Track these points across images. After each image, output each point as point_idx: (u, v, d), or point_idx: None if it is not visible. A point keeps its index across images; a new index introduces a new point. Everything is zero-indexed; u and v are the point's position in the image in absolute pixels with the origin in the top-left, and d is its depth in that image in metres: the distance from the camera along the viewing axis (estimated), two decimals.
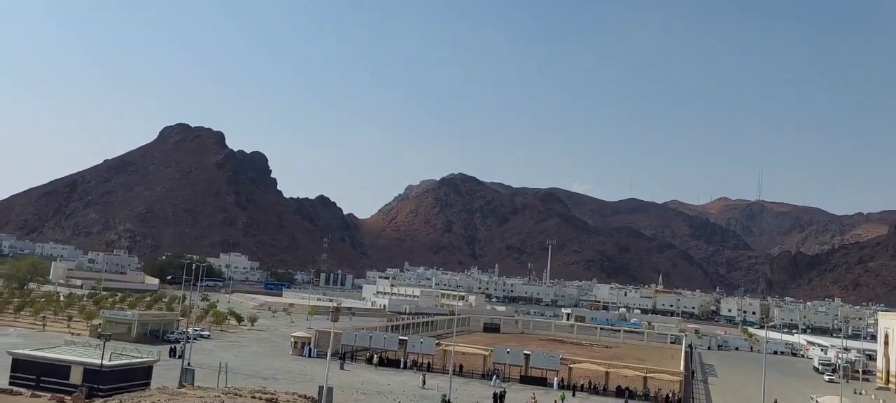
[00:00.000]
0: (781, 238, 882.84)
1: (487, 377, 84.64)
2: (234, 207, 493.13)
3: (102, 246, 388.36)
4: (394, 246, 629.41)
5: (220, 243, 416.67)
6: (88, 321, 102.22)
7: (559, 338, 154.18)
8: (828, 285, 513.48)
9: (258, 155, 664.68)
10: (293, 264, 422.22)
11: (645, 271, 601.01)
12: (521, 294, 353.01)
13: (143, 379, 55.74)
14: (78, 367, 53.48)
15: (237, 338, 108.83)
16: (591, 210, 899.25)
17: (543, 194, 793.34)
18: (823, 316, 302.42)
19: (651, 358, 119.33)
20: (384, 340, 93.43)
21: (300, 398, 38.36)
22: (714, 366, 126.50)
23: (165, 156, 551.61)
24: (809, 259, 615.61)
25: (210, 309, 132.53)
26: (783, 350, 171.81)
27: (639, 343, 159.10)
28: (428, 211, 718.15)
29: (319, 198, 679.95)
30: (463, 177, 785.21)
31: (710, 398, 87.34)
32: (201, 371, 64.45)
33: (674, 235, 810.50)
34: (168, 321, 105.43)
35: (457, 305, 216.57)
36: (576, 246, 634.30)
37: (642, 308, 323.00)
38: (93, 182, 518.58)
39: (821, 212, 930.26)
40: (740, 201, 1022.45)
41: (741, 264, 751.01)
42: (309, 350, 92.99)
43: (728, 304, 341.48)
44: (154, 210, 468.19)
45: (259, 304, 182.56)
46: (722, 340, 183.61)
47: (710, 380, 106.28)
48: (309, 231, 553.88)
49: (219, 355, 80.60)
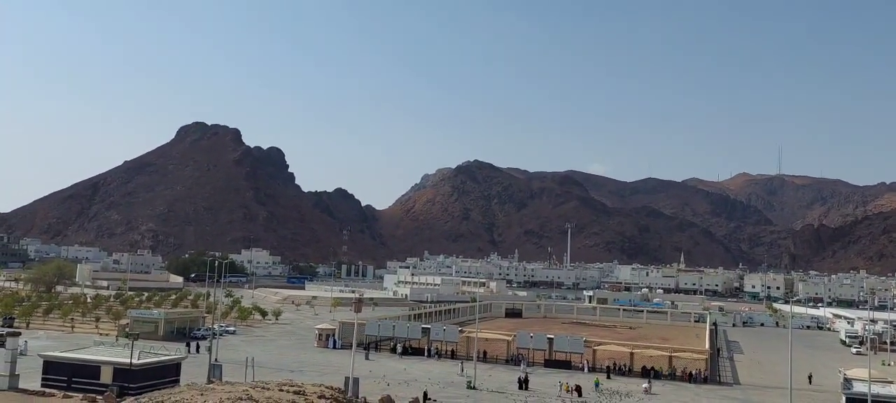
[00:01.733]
0: (803, 211, 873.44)
1: (511, 362, 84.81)
2: (254, 203, 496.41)
3: (126, 246, 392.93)
4: (412, 236, 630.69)
5: (242, 239, 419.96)
6: (116, 321, 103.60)
7: (582, 321, 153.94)
8: (852, 257, 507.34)
9: (275, 150, 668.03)
10: (314, 257, 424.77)
11: (666, 250, 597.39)
12: (541, 278, 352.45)
13: (173, 377, 56.48)
14: (108, 367, 54.25)
15: (262, 333, 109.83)
16: (609, 191, 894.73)
17: (561, 177, 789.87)
18: (849, 288, 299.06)
19: (676, 338, 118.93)
20: (407, 329, 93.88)
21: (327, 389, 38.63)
22: (739, 343, 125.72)
23: (184, 155, 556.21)
24: (832, 231, 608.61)
25: (234, 304, 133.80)
26: (809, 324, 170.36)
27: (663, 323, 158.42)
28: (445, 199, 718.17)
29: (337, 191, 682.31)
30: (479, 163, 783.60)
31: (736, 375, 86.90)
32: (229, 366, 65.18)
33: (694, 213, 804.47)
34: (194, 318, 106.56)
35: (478, 292, 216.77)
36: (595, 228, 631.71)
37: (665, 287, 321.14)
38: (114, 184, 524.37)
39: (843, 184, 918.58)
40: (761, 176, 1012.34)
41: (763, 239, 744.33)
42: (333, 342, 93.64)
43: (752, 280, 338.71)
44: (175, 209, 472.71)
45: (282, 298, 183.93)
46: (747, 317, 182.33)
47: (736, 357, 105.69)
48: (328, 224, 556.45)
49: (245, 350, 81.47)
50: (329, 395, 36.77)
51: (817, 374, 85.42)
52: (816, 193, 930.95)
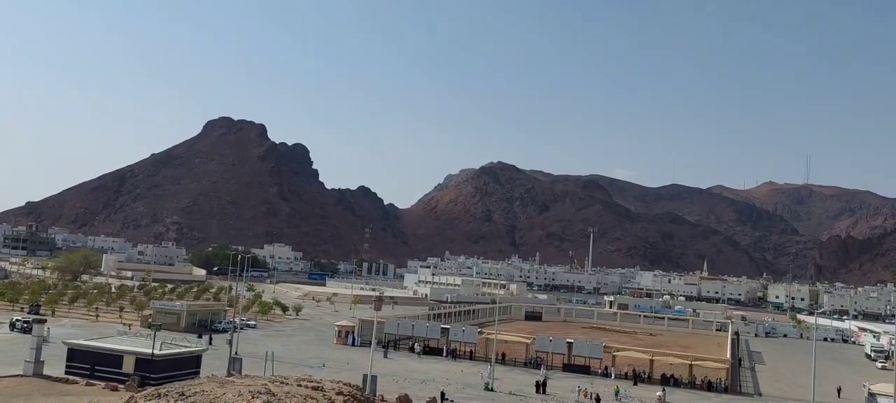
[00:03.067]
0: (831, 222, 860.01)
1: (530, 365, 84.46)
2: (277, 198, 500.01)
3: (151, 238, 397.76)
4: (434, 236, 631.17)
5: (264, 234, 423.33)
6: (139, 311, 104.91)
7: (602, 326, 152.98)
8: (879, 270, 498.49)
9: (300, 147, 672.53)
10: (335, 254, 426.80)
11: (689, 257, 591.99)
12: (562, 282, 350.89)
13: (193, 368, 56.98)
14: (130, 356, 54.88)
15: (282, 328, 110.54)
16: (633, 196, 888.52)
17: (584, 181, 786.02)
18: (875, 301, 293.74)
19: (696, 346, 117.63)
20: (426, 328, 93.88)
21: (345, 386, 38.75)
22: (762, 353, 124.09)
23: (210, 149, 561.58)
24: (860, 243, 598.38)
25: (256, 298, 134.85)
26: (834, 336, 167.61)
27: (684, 331, 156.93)
28: (468, 200, 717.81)
29: (360, 189, 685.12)
30: (502, 165, 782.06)
31: (758, 385, 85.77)
32: (249, 359, 65.68)
33: (718, 221, 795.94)
34: (215, 311, 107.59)
35: (498, 293, 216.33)
36: (618, 233, 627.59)
37: (687, 295, 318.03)
38: (140, 176, 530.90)
39: (871, 195, 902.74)
40: (787, 185, 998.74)
41: (789, 249, 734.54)
42: (353, 339, 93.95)
43: (775, 290, 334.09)
44: (199, 202, 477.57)
45: (303, 294, 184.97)
46: (770, 327, 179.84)
47: (758, 368, 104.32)
48: (350, 221, 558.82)
49: (265, 344, 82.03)
50: (347, 392, 36.85)
51: (842, 387, 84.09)
52: (844, 204, 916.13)
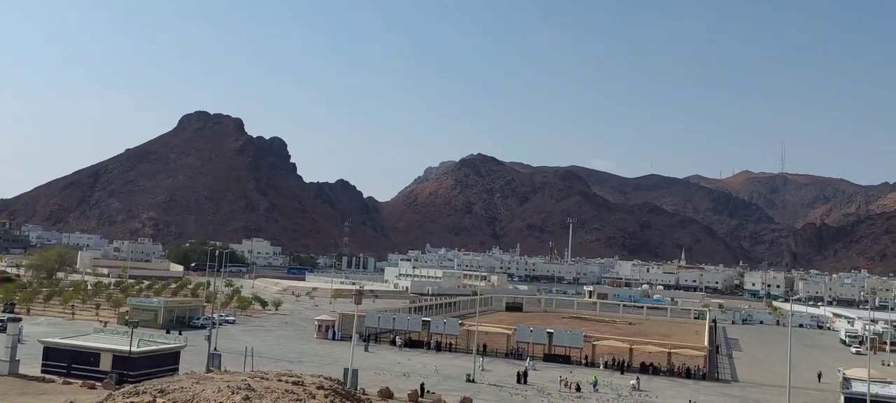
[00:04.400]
0: (805, 210, 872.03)
1: (511, 355, 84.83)
2: (255, 193, 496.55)
3: (127, 234, 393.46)
4: (415, 229, 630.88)
5: (243, 229, 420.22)
6: (116, 309, 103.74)
7: (582, 316, 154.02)
8: (853, 256, 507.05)
9: (277, 140, 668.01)
10: (315, 248, 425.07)
11: (667, 247, 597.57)
12: (542, 272, 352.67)
13: (172, 365, 56.54)
14: (107, 354, 54.36)
15: (262, 323, 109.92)
16: (611, 187, 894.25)
17: (563, 172, 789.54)
18: (849, 287, 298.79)
19: (675, 334, 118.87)
20: (408, 321, 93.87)
21: (326, 380, 38.60)
22: (739, 340, 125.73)
23: (186, 144, 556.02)
24: (834, 230, 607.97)
25: (234, 294, 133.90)
26: (809, 323, 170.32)
27: (662, 320, 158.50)
28: (448, 192, 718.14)
29: (339, 182, 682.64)
30: (482, 157, 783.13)
31: (735, 372, 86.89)
32: (228, 355, 65.22)
33: (696, 210, 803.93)
34: (193, 307, 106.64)
35: (479, 285, 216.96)
36: (597, 223, 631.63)
37: (665, 284, 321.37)
38: (115, 171, 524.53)
39: (845, 183, 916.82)
40: (763, 174, 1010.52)
41: (765, 237, 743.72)
42: (333, 333, 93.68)
43: (752, 278, 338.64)
44: (176, 198, 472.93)
45: (283, 289, 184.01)
46: (746, 314, 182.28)
47: (735, 355, 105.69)
48: (330, 215, 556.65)
49: (244, 340, 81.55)
50: (328, 386, 36.71)
51: (814, 372, 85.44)
52: (819, 192, 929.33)
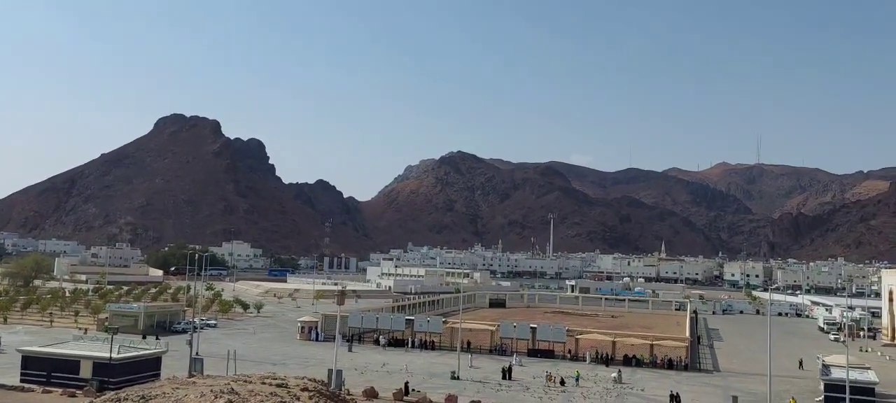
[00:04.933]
0: (782, 200, 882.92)
1: (495, 352, 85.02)
2: (234, 195, 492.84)
3: (104, 240, 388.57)
4: (396, 228, 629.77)
5: (222, 232, 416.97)
6: (95, 315, 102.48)
7: (565, 310, 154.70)
8: (830, 245, 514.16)
9: (255, 142, 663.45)
10: (296, 250, 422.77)
11: (647, 240, 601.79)
12: (525, 268, 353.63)
13: (153, 371, 55.97)
14: (87, 361, 53.69)
15: (244, 326, 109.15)
16: (591, 181, 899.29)
17: (543, 168, 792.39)
18: (827, 275, 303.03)
19: (657, 326, 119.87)
20: (391, 321, 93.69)
21: (310, 382, 38.42)
22: (719, 330, 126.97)
23: (162, 147, 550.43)
24: (811, 219, 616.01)
25: (215, 297, 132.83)
26: (788, 311, 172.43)
27: (644, 312, 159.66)
28: (429, 190, 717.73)
29: (319, 183, 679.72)
30: (462, 154, 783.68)
31: (716, 362, 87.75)
32: (210, 360, 64.72)
33: (674, 202, 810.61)
34: (174, 312, 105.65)
35: (462, 283, 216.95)
36: (577, 218, 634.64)
37: (646, 276, 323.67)
38: (91, 177, 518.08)
39: (821, 172, 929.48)
40: (740, 165, 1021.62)
41: (743, 228, 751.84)
42: (316, 335, 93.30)
43: (731, 269, 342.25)
44: (154, 202, 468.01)
45: (264, 291, 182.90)
46: (726, 304, 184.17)
47: (716, 345, 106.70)
48: (310, 216, 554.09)
49: (226, 343, 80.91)
50: (312, 388, 36.56)
51: (794, 360, 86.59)
52: (795, 182, 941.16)
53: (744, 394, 62.91)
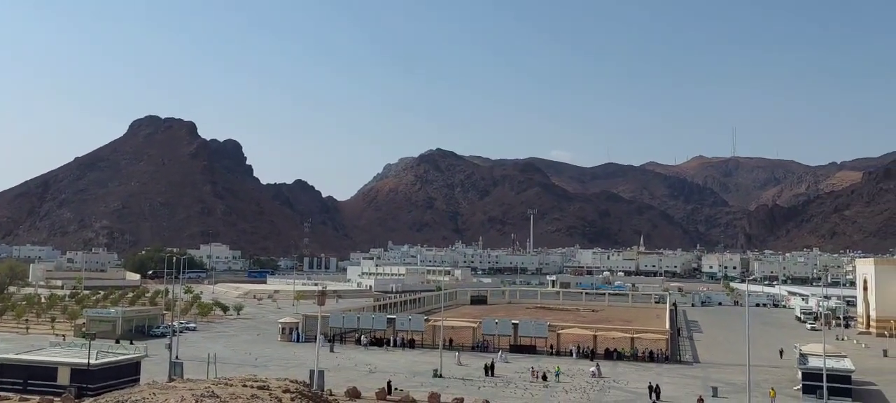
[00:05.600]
0: (758, 192, 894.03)
1: (477, 348, 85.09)
2: (212, 197, 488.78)
3: (80, 244, 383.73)
4: (376, 227, 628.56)
5: (200, 234, 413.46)
6: (72, 321, 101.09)
7: (546, 306, 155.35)
8: (805, 235, 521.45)
9: (232, 143, 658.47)
10: (275, 251, 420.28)
11: (626, 234, 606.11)
12: (506, 264, 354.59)
13: (132, 376, 55.30)
14: (65, 368, 52.91)
15: (224, 328, 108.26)
16: (570, 177, 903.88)
17: (523, 164, 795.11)
18: (802, 266, 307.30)
19: (637, 319, 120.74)
20: (372, 320, 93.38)
21: (292, 383, 38.18)
22: (698, 322, 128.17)
23: (137, 149, 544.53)
24: (786, 211, 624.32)
25: (194, 300, 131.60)
26: (765, 302, 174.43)
27: (624, 305, 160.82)
28: (408, 188, 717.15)
29: (297, 183, 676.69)
30: (441, 152, 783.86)
31: (696, 353, 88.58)
32: (190, 363, 64.05)
33: (652, 196, 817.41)
34: (152, 316, 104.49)
35: (443, 280, 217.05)
36: (557, 213, 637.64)
37: (625, 270, 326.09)
38: (65, 181, 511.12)
39: (795, 164, 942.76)
40: (716, 158, 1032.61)
41: (720, 220, 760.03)
42: (297, 336, 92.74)
43: (709, 261, 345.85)
44: (130, 205, 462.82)
45: (244, 293, 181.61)
46: (705, 296, 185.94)
47: (696, 336, 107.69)
48: (289, 216, 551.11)
49: (206, 346, 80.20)
50: (294, 389, 36.33)
51: (772, 349, 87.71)
52: (770, 174, 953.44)
53: (723, 385, 63.59)
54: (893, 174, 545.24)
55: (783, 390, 61.38)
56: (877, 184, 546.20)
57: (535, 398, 56.86)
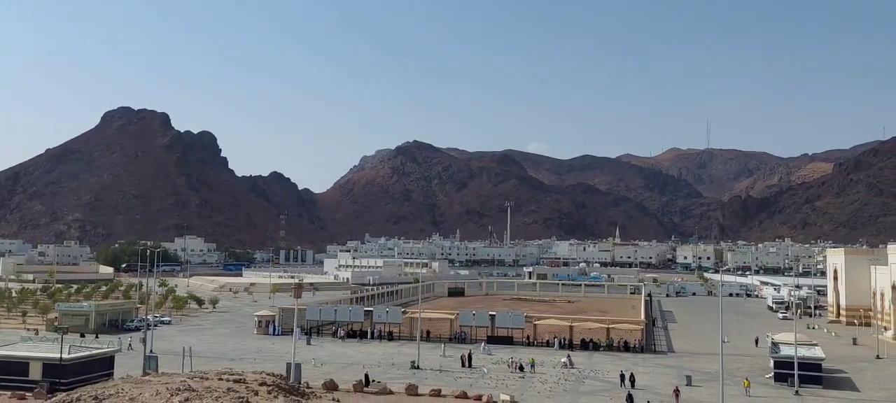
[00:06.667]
0: (731, 183, 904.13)
1: (456, 340, 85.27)
2: (186, 189, 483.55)
3: (52, 237, 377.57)
4: (353, 219, 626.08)
5: (174, 227, 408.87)
6: (44, 315, 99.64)
7: (523, 297, 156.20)
8: (777, 226, 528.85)
9: (206, 134, 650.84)
10: (251, 244, 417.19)
11: (602, 225, 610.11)
12: (483, 256, 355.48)
13: (106, 370, 54.64)
14: (36, 363, 52.17)
15: (200, 322, 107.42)
16: (546, 169, 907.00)
17: (499, 157, 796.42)
18: (774, 256, 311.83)
19: (613, 310, 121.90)
20: (350, 312, 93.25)
21: (268, 376, 38.04)
22: (673, 312, 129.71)
23: (110, 141, 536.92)
24: (759, 202, 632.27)
25: (169, 294, 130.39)
26: (738, 292, 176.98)
27: (600, 296, 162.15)
28: (385, 180, 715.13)
29: (273, 175, 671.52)
30: (418, 143, 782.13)
31: (671, 343, 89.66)
32: (165, 357, 63.52)
33: (628, 188, 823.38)
34: (126, 309, 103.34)
35: (420, 272, 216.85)
36: (533, 205, 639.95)
37: (601, 261, 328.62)
38: (36, 173, 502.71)
39: (768, 156, 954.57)
40: (690, 150, 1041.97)
41: (694, 212, 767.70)
42: (274, 329, 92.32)
43: (683, 252, 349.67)
44: (102, 197, 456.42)
45: (219, 286, 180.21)
46: (679, 287, 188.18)
47: (671, 327, 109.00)
48: (264, 209, 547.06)
49: (181, 340, 79.57)
50: (270, 382, 36.23)
51: (745, 338, 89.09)
52: (743, 165, 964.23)
53: (697, 373, 64.44)
54: (863, 166, 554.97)
55: (755, 378, 62.36)
56: (847, 176, 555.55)
57: (511, 388, 57.19)
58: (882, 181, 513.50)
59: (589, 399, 54.83)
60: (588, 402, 53.60)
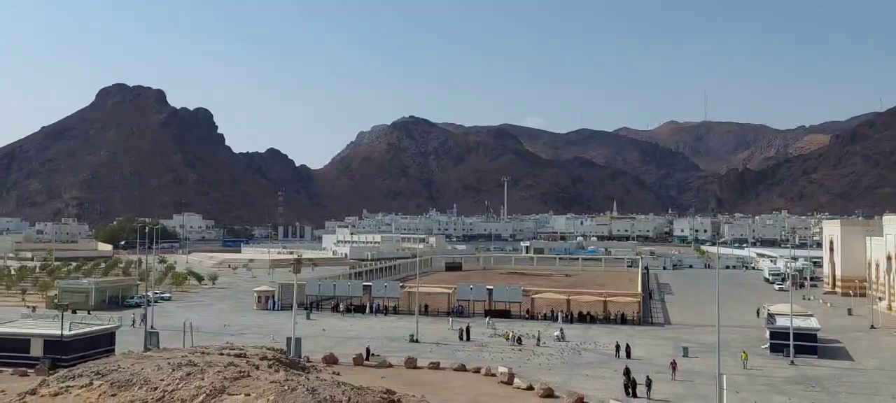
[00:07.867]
0: (729, 156, 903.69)
1: (453, 314, 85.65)
2: (183, 166, 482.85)
3: (49, 215, 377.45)
4: (350, 195, 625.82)
5: (172, 203, 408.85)
6: (43, 292, 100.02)
7: (520, 271, 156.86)
8: (774, 198, 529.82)
9: (203, 111, 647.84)
10: (249, 220, 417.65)
11: (599, 199, 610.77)
12: (480, 231, 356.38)
13: (107, 346, 55.03)
14: (38, 340, 52.52)
15: (200, 298, 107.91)
16: (543, 143, 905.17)
17: (496, 131, 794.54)
18: (771, 228, 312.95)
19: (610, 283, 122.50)
20: (348, 287, 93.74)
21: (269, 350, 38.35)
22: (670, 285, 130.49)
23: (106, 118, 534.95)
24: (756, 174, 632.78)
25: (168, 270, 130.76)
26: (735, 264, 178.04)
27: (597, 270, 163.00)
28: (382, 156, 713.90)
29: (270, 151, 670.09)
30: (414, 119, 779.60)
31: (668, 315, 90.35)
32: (166, 333, 63.92)
33: (625, 162, 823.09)
34: (126, 286, 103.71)
35: (418, 247, 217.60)
36: (530, 180, 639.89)
37: (598, 235, 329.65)
38: (32, 151, 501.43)
39: (765, 128, 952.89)
40: (687, 123, 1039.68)
41: (691, 185, 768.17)
42: (273, 304, 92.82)
43: (680, 225, 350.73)
44: (99, 175, 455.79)
45: (218, 262, 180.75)
46: (676, 260, 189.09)
47: (668, 299, 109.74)
48: (262, 185, 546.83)
49: (182, 315, 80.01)
50: (271, 356, 36.53)
51: (743, 310, 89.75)
52: (740, 138, 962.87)
53: (694, 345, 65.03)
54: (859, 137, 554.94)
55: (752, 349, 62.95)
56: (843, 148, 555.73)
57: (509, 361, 57.73)
58: (878, 152, 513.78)
59: (586, 370, 55.39)
60: (585, 373, 54.15)
